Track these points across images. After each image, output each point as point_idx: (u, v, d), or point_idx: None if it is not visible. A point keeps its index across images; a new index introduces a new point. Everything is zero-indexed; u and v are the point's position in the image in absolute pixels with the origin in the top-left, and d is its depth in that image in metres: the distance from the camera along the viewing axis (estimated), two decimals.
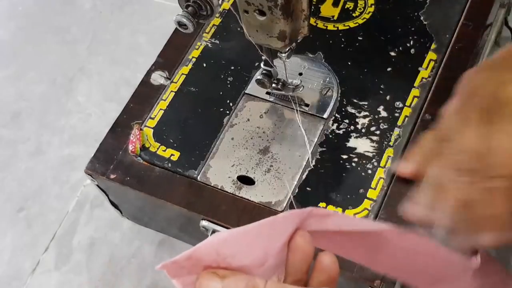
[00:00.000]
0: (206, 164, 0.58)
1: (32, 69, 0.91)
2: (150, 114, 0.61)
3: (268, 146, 0.58)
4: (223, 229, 0.54)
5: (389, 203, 0.53)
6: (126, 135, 0.60)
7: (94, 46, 0.92)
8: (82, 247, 0.74)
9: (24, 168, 0.82)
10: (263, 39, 0.49)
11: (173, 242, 0.72)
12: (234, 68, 0.63)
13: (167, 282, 0.70)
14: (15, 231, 0.77)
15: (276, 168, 0.57)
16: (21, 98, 0.88)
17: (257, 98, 0.61)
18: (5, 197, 0.80)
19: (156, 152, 0.59)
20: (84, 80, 0.89)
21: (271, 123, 0.59)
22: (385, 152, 0.55)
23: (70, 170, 0.80)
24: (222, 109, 0.61)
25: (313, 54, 0.63)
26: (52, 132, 0.84)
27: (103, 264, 0.72)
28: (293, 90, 0.58)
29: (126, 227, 0.74)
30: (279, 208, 0.54)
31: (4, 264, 0.74)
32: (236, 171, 0.57)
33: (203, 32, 0.66)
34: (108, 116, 0.82)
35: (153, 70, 0.64)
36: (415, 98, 0.58)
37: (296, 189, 0.55)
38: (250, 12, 0.47)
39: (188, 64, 0.64)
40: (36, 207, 0.78)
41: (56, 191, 0.79)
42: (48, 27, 0.95)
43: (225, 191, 0.56)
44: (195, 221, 0.56)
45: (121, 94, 0.86)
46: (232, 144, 0.59)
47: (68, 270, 0.73)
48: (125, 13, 0.95)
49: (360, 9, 0.66)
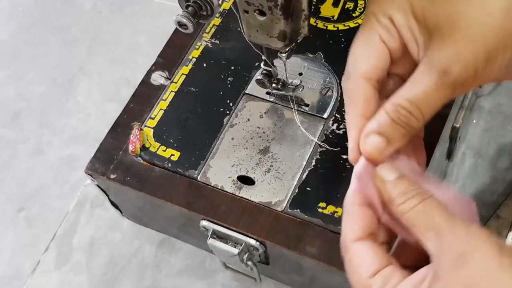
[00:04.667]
0: (206, 164, 0.58)
1: (32, 69, 0.91)
2: (150, 114, 0.61)
3: (268, 146, 0.58)
4: (223, 229, 0.54)
5: None
6: (126, 135, 0.60)
7: (94, 46, 0.92)
8: (82, 247, 0.74)
9: (24, 168, 0.82)
10: (263, 39, 0.49)
11: (173, 242, 0.72)
12: (234, 68, 0.63)
13: (167, 282, 0.70)
14: (15, 231, 0.77)
15: (276, 168, 0.57)
16: (21, 98, 0.88)
17: (257, 98, 0.61)
18: (5, 197, 0.80)
19: (156, 152, 0.59)
20: (84, 80, 0.89)
21: (271, 123, 0.59)
22: None
23: (70, 170, 0.80)
24: (222, 109, 0.61)
25: (313, 54, 0.63)
26: (52, 132, 0.84)
27: (103, 264, 0.72)
28: (293, 90, 0.58)
29: (126, 227, 0.74)
30: (279, 208, 0.54)
31: (4, 264, 0.74)
32: (236, 171, 0.57)
33: (203, 32, 0.66)
34: (108, 116, 0.82)
35: (153, 70, 0.64)
36: None
37: (296, 189, 0.55)
38: (250, 12, 0.47)
39: (188, 64, 0.64)
40: (36, 207, 0.78)
41: (56, 191, 0.79)
42: (48, 27, 0.95)
43: (225, 191, 0.56)
44: (195, 221, 0.56)
45: (121, 94, 0.86)
46: (232, 144, 0.59)
47: (68, 270, 0.73)
48: (125, 13, 0.95)
49: (360, 9, 0.66)
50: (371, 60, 0.40)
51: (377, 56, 0.40)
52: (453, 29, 0.38)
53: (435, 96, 0.39)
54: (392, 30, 0.40)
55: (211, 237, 0.55)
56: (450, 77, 0.38)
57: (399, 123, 0.39)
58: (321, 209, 0.53)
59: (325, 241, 0.52)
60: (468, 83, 0.39)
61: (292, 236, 0.52)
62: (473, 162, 0.72)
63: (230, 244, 0.55)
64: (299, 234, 0.52)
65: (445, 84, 0.38)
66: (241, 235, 0.54)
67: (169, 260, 0.71)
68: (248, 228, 0.54)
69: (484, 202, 0.69)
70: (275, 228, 0.53)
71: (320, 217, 0.53)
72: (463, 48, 0.38)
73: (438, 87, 0.38)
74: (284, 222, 0.53)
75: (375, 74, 0.41)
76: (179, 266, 0.71)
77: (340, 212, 0.53)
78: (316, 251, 0.51)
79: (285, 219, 0.53)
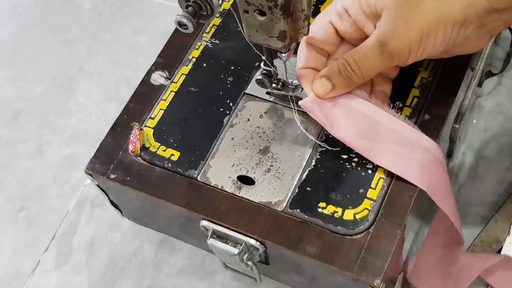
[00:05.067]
0: (206, 164, 0.58)
1: (32, 69, 0.91)
2: (150, 114, 0.61)
3: (268, 146, 0.58)
4: (223, 229, 0.54)
5: (389, 203, 0.53)
6: (126, 135, 0.60)
7: (94, 46, 0.92)
8: (82, 247, 0.74)
9: (24, 168, 0.82)
10: (263, 39, 0.50)
11: (173, 242, 0.72)
12: (234, 68, 0.63)
13: (167, 282, 0.70)
14: (15, 231, 0.77)
15: (276, 168, 0.57)
16: (21, 98, 0.88)
17: (257, 98, 0.61)
18: (5, 197, 0.80)
19: (156, 152, 0.59)
20: (84, 80, 0.89)
21: (271, 123, 0.59)
22: None
23: (70, 170, 0.80)
24: (222, 109, 0.61)
25: None
26: (52, 132, 0.84)
27: (103, 264, 0.72)
28: (293, 90, 0.58)
29: (126, 227, 0.74)
30: (279, 208, 0.54)
31: (4, 264, 0.74)
32: (236, 171, 0.57)
33: (203, 32, 0.66)
34: (108, 116, 0.83)
35: (153, 70, 0.64)
36: (415, 98, 0.58)
37: (296, 189, 0.55)
38: (250, 12, 0.47)
39: (188, 64, 0.64)
40: (36, 207, 0.78)
41: (56, 191, 0.79)
42: (48, 27, 0.95)
43: (225, 191, 0.56)
44: (195, 221, 0.56)
45: (121, 94, 0.86)
46: (232, 144, 0.59)
47: (68, 270, 0.73)
48: (125, 13, 0.95)
49: None
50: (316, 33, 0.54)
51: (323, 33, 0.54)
52: (393, 10, 0.48)
53: (374, 61, 0.50)
54: (344, 16, 0.53)
55: (211, 237, 0.55)
56: (387, 48, 0.49)
57: (343, 74, 0.52)
58: (321, 209, 0.53)
59: (325, 241, 0.52)
60: (404, 55, 0.49)
61: (292, 236, 0.52)
62: (473, 162, 0.72)
63: (230, 244, 0.55)
64: (299, 234, 0.52)
65: (383, 53, 0.49)
66: (241, 235, 0.54)
67: (169, 260, 0.71)
68: (248, 228, 0.54)
69: (484, 203, 0.69)
70: (275, 228, 0.53)
71: (320, 217, 0.53)
72: (399, 26, 0.48)
73: (377, 54, 0.49)
74: (284, 222, 0.53)
75: (316, 42, 0.55)
76: (179, 266, 0.71)
77: (340, 212, 0.53)
78: (316, 251, 0.51)
79: (285, 219, 0.54)
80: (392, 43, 0.48)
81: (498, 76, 0.76)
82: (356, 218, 0.52)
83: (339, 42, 0.55)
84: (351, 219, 0.52)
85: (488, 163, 0.71)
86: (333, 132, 0.54)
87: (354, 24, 0.53)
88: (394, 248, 0.50)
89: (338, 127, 0.53)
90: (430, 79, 0.59)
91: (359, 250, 0.51)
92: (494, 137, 0.73)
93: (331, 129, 0.54)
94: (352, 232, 0.52)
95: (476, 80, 0.63)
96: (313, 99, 0.54)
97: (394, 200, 0.53)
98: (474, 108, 0.75)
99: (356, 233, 0.52)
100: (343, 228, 0.52)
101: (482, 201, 0.69)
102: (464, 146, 0.73)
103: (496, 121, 0.74)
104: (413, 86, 0.59)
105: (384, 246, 0.51)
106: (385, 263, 0.50)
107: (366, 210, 0.53)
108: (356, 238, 0.51)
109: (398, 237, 0.51)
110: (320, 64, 0.55)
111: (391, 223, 0.52)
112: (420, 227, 0.65)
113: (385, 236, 0.51)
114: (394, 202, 0.53)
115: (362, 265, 0.50)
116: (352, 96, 0.53)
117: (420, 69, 0.59)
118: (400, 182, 0.53)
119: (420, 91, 0.58)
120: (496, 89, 0.76)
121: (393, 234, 0.51)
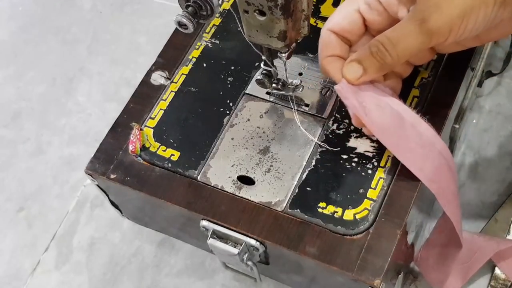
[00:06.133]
0: (206, 164, 0.58)
1: (32, 69, 0.91)
2: (150, 114, 0.61)
3: (268, 146, 0.58)
4: (223, 229, 0.54)
5: (389, 203, 0.53)
6: (126, 135, 0.60)
7: (94, 46, 0.92)
8: (82, 247, 0.74)
9: (24, 168, 0.82)
10: (263, 39, 0.50)
11: (173, 242, 0.72)
12: (234, 68, 0.63)
13: (167, 282, 0.70)
14: (15, 231, 0.77)
15: (276, 168, 0.57)
16: (21, 98, 0.88)
17: (257, 98, 0.61)
18: (5, 197, 0.80)
19: (156, 152, 0.59)
20: (84, 80, 0.89)
21: (271, 123, 0.59)
22: (385, 152, 0.55)
23: (70, 170, 0.80)
24: (222, 109, 0.61)
25: (313, 54, 0.63)
26: (52, 132, 0.84)
27: (103, 264, 0.72)
28: (293, 90, 0.58)
29: (126, 227, 0.74)
30: (279, 208, 0.54)
31: (4, 264, 0.74)
32: (236, 171, 0.57)
33: (203, 32, 0.66)
34: (108, 116, 0.83)
35: (153, 70, 0.64)
36: (415, 98, 0.58)
37: (296, 189, 0.55)
38: (250, 12, 0.47)
39: (188, 64, 0.64)
40: (36, 207, 0.78)
41: (56, 191, 0.79)
42: (48, 27, 0.95)
43: (225, 191, 0.56)
44: (195, 221, 0.56)
45: (121, 94, 0.86)
46: (232, 144, 0.59)
47: (68, 270, 0.73)
48: (125, 13, 0.95)
49: None
50: (343, 21, 0.52)
51: (350, 21, 0.52)
52: None
53: (411, 40, 0.47)
54: (374, 4, 0.51)
55: (211, 237, 0.55)
56: (427, 25, 0.45)
57: (375, 56, 0.48)
58: (321, 209, 0.53)
59: (325, 241, 0.52)
60: (444, 33, 0.46)
61: (292, 236, 0.52)
62: (473, 162, 0.72)
63: (230, 244, 0.55)
64: (299, 234, 0.52)
65: (422, 30, 0.46)
66: (241, 235, 0.54)
67: (169, 260, 0.71)
68: (248, 228, 0.54)
69: (484, 203, 0.69)
70: (275, 228, 0.53)
71: (320, 217, 0.53)
72: (442, 1, 0.45)
73: (416, 32, 0.46)
74: (284, 222, 0.53)
75: (342, 31, 0.53)
76: (179, 266, 0.71)
77: (340, 212, 0.53)
78: (316, 251, 0.51)
79: (285, 219, 0.54)
80: (433, 19, 0.45)
81: (498, 76, 0.76)
82: (356, 218, 0.52)
83: (363, 32, 0.54)
84: (351, 219, 0.52)
85: (488, 163, 0.71)
86: (366, 122, 0.52)
87: (384, 12, 0.51)
88: (394, 248, 0.50)
89: (371, 117, 0.52)
90: (430, 79, 0.59)
91: (359, 250, 0.51)
92: (494, 137, 0.73)
93: (364, 117, 0.52)
94: (352, 232, 0.52)
95: (476, 80, 0.63)
96: (347, 84, 0.51)
97: (394, 200, 0.53)
98: (474, 108, 0.75)
99: (356, 233, 0.52)
100: (343, 228, 0.52)
101: (482, 201, 0.69)
102: (464, 146, 0.73)
103: (496, 121, 0.74)
104: (413, 86, 0.59)
105: (384, 246, 0.51)
106: (385, 263, 0.50)
107: (366, 210, 0.53)
108: (356, 238, 0.51)
109: (398, 237, 0.51)
110: (345, 52, 0.54)
111: (391, 223, 0.52)
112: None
113: (385, 236, 0.51)
114: (394, 202, 0.53)
115: (362, 265, 0.50)
116: (380, 91, 0.52)
117: (420, 69, 0.59)
118: (400, 182, 0.53)
119: (420, 91, 0.58)
120: (496, 89, 0.76)
121: (393, 234, 0.51)
